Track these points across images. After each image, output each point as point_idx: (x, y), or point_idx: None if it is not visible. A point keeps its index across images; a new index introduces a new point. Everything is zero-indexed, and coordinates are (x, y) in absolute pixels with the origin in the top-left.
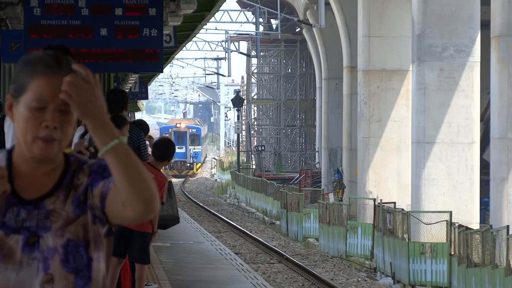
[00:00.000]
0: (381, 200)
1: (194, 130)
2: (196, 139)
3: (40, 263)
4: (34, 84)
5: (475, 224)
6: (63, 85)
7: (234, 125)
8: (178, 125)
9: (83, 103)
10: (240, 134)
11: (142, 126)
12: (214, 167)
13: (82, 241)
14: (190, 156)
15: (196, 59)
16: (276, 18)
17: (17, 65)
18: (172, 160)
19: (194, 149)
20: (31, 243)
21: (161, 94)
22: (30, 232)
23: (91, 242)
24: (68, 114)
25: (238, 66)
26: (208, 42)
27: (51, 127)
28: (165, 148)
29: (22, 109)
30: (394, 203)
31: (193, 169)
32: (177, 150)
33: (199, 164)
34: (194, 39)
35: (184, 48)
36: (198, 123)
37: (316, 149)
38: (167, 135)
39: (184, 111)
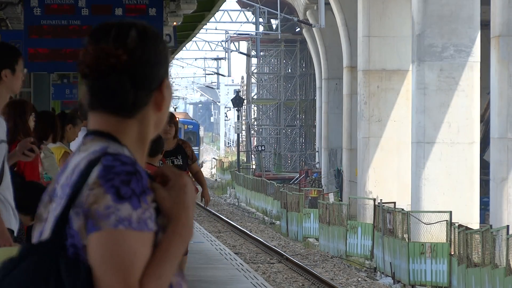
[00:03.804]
0: (381, 200)
1: (190, 127)
2: (193, 137)
3: None
4: None
5: (475, 224)
6: None
7: (234, 125)
8: None
9: None
10: (240, 134)
11: None
12: (214, 167)
13: None
14: None
15: (196, 59)
16: (276, 18)
17: (156, 43)
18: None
19: None
20: None
21: None
22: None
23: None
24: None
25: (238, 66)
26: (208, 42)
27: None
28: (152, 142)
29: (167, 92)
30: (394, 203)
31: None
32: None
33: None
34: (194, 39)
35: (184, 48)
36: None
37: (316, 149)
38: None
39: (175, 106)
